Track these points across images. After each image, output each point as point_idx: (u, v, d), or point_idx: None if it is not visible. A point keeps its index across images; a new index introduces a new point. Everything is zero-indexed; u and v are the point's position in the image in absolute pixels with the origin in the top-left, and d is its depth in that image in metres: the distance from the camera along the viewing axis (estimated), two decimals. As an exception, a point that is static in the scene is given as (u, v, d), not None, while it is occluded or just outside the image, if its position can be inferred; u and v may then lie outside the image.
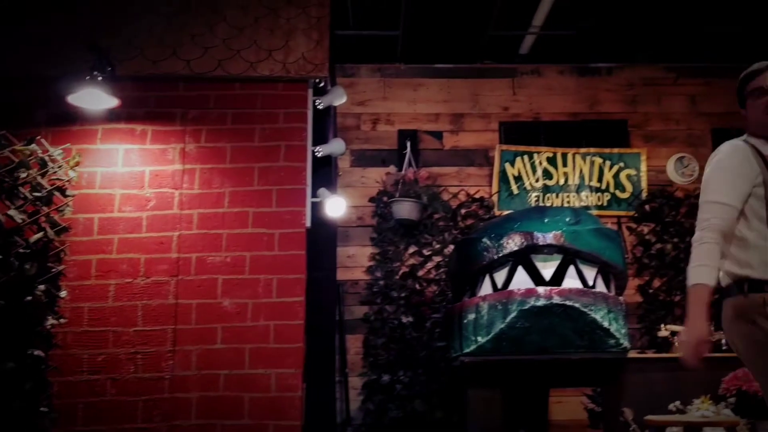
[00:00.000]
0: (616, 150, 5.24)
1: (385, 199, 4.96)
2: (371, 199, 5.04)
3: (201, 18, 3.87)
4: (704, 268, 2.25)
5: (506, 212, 4.82)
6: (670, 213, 5.10)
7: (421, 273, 4.91)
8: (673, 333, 4.50)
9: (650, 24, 4.90)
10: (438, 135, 5.27)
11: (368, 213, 5.05)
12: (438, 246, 4.95)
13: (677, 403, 3.84)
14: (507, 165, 5.14)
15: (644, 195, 5.15)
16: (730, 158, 2.37)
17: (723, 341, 4.50)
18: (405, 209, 4.79)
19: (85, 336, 3.40)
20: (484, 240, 3.86)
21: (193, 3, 3.91)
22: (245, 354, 3.42)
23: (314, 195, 3.88)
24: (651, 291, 4.97)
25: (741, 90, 2.52)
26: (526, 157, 5.17)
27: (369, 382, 4.70)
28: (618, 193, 5.17)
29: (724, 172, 2.36)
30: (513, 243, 3.77)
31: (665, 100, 5.39)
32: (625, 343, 3.73)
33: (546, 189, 5.15)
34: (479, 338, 3.71)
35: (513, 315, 3.61)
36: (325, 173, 4.23)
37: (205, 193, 3.60)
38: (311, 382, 3.75)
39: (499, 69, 5.39)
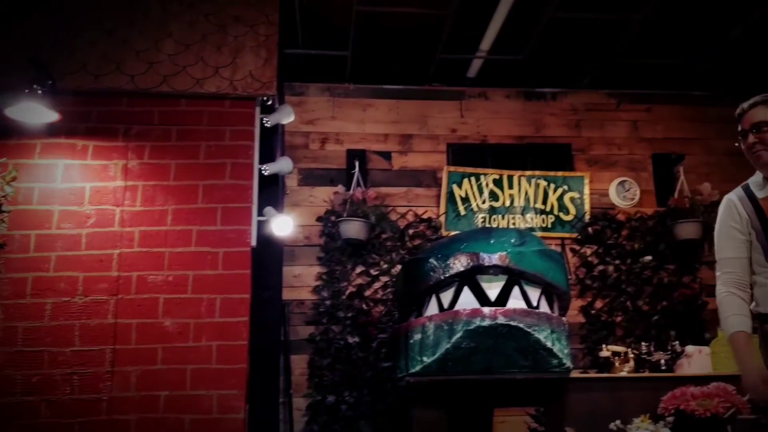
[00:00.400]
0: (560, 173, 5.34)
1: (332, 218, 4.94)
2: (319, 219, 5.02)
3: (146, 33, 3.84)
4: (734, 317, 2.58)
5: (453, 233, 4.87)
6: (612, 235, 5.22)
7: (368, 293, 4.89)
8: (615, 353, 4.59)
9: (593, 52, 5.05)
10: (387, 155, 5.29)
11: (315, 232, 5.02)
12: (385, 266, 4.95)
13: (618, 422, 3.90)
14: (455, 186, 5.19)
15: (587, 217, 5.25)
16: (722, 215, 2.73)
17: (661, 361, 4.61)
18: (353, 229, 4.79)
19: (19, 356, 3.29)
20: (431, 260, 3.87)
21: (139, 18, 3.87)
22: (187, 375, 3.35)
23: (261, 214, 3.85)
24: (593, 312, 5.06)
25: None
26: (473, 179, 5.23)
27: (314, 403, 4.64)
28: (562, 215, 5.27)
29: (723, 227, 2.72)
30: (459, 263, 3.79)
31: (608, 126, 5.54)
32: (568, 363, 3.78)
33: (492, 210, 5.21)
34: (425, 358, 3.71)
35: (458, 335, 3.63)
36: (272, 192, 4.21)
37: (147, 211, 3.54)
38: (254, 403, 3.69)
39: (448, 91, 5.46)
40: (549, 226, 5.25)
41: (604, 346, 4.73)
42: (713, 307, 5.17)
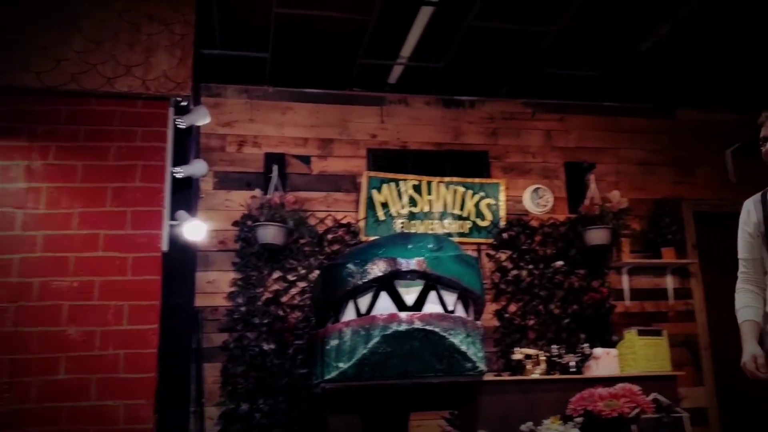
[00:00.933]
0: (477, 180, 5.44)
1: (249, 223, 4.85)
2: (235, 223, 4.93)
3: (54, 29, 3.68)
4: (744, 309, 2.88)
5: (373, 238, 4.88)
6: (526, 241, 5.35)
7: (285, 299, 4.84)
8: (527, 356, 4.69)
9: (510, 62, 5.16)
10: (306, 159, 5.26)
11: (231, 237, 4.93)
12: (303, 271, 4.91)
13: (529, 423, 3.99)
14: (374, 191, 5.21)
15: (502, 223, 5.36)
16: (741, 217, 2.98)
17: (571, 363, 4.75)
18: (270, 234, 4.72)
19: None
20: (349, 265, 3.86)
21: (46, 13, 3.70)
22: (92, 385, 3.23)
23: (173, 218, 3.74)
24: (507, 315, 5.17)
25: None
26: (393, 185, 5.26)
27: (227, 412, 4.54)
28: (479, 221, 5.36)
29: (739, 230, 2.97)
30: (377, 269, 3.79)
31: (523, 134, 5.68)
32: (482, 367, 3.84)
33: (411, 216, 5.25)
34: (341, 364, 3.69)
35: (375, 340, 3.62)
36: (186, 195, 4.11)
37: (51, 214, 3.39)
38: (164, 413, 3.58)
39: (368, 97, 5.47)
40: (466, 231, 5.33)
41: (517, 349, 4.84)
42: (620, 310, 5.39)
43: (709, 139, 5.97)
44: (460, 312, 3.89)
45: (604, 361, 4.72)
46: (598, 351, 4.78)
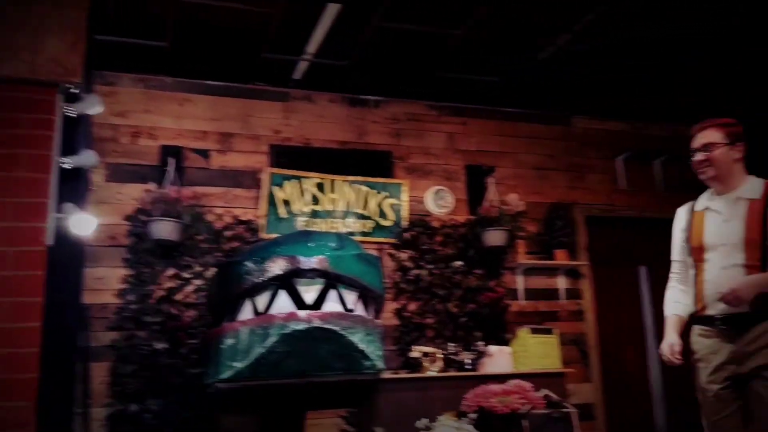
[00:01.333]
0: (381, 180, 5.46)
1: (142, 217, 4.66)
2: (127, 218, 4.73)
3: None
4: (670, 304, 3.23)
5: (273, 236, 4.81)
6: (427, 241, 5.42)
7: (179, 297, 4.69)
8: (425, 354, 4.75)
9: (415, 63, 5.21)
10: (205, 153, 5.11)
11: (123, 232, 4.72)
12: (199, 269, 4.77)
13: (425, 420, 4.04)
14: (276, 188, 5.13)
15: (404, 223, 5.41)
16: (674, 223, 3.30)
17: (466, 361, 4.84)
18: (165, 229, 4.56)
19: None
20: (248, 263, 3.78)
21: None
22: (-35, 387, 3.01)
23: (60, 210, 3.55)
24: (406, 314, 5.22)
25: None
26: (295, 182, 5.20)
27: (114, 413, 4.35)
28: (381, 221, 5.38)
29: (673, 235, 3.30)
30: (277, 267, 3.73)
31: (426, 136, 5.74)
32: (380, 365, 3.84)
33: (314, 214, 5.21)
34: (237, 363, 3.61)
35: (273, 339, 3.56)
36: (76, 188, 3.90)
37: None
38: (47, 414, 3.38)
39: (272, 92, 5.39)
40: (369, 231, 5.34)
41: (415, 347, 4.90)
42: (515, 309, 5.55)
43: (602, 147, 6.25)
44: (360, 311, 3.89)
45: (499, 359, 4.84)
46: (492, 349, 4.91)
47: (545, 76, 5.50)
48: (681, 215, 3.28)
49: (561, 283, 5.79)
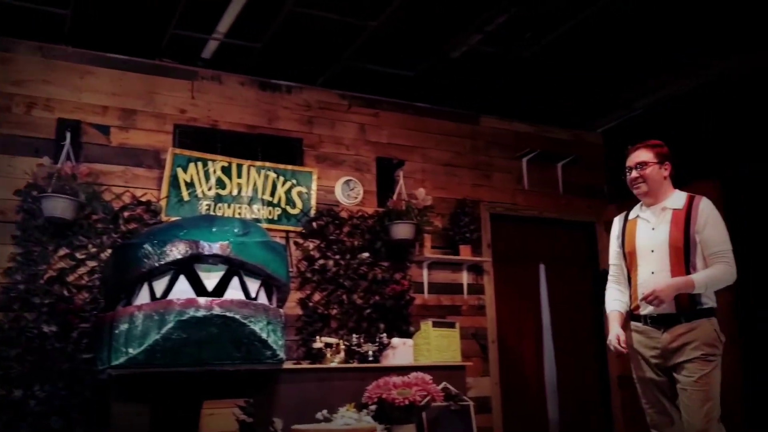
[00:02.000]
0: (290, 167, 5.36)
1: (34, 193, 4.38)
2: (17, 192, 4.42)
3: None
4: (610, 302, 3.60)
5: (175, 218, 4.64)
6: (335, 231, 5.37)
7: (71, 278, 4.44)
8: (328, 344, 4.72)
9: (329, 51, 5.15)
10: (105, 129, 4.86)
11: (12, 207, 4.41)
12: (94, 250, 4.53)
13: (324, 411, 4.00)
14: (179, 170, 4.94)
15: (312, 212, 5.34)
16: (612, 230, 3.67)
17: (369, 352, 4.84)
18: (58, 206, 4.31)
19: None
20: (146, 246, 3.64)
21: None
22: None
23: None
24: (311, 304, 5.16)
25: None
26: (200, 164, 5.03)
27: (-4, 399, 4.08)
28: (289, 208, 5.30)
29: (610, 241, 3.67)
30: (177, 251, 3.62)
31: (338, 125, 5.69)
32: (281, 355, 3.79)
33: (219, 198, 5.06)
34: (131, 350, 3.48)
35: (170, 326, 3.46)
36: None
37: None
38: None
39: (179, 70, 5.19)
40: (275, 218, 5.24)
41: (318, 337, 4.85)
42: (419, 302, 5.60)
43: (507, 147, 6.39)
44: (262, 299, 3.82)
45: (401, 351, 4.87)
46: (395, 341, 4.93)
47: (456, 75, 5.56)
48: (616, 224, 3.66)
49: (464, 278, 5.89)
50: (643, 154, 3.50)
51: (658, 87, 5.86)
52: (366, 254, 5.40)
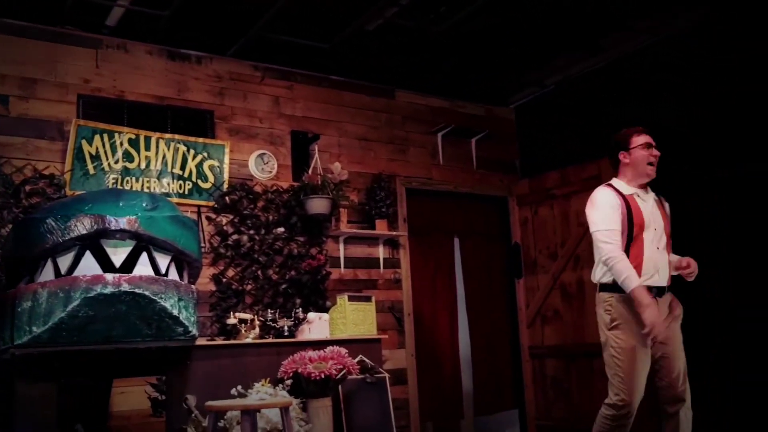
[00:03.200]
0: (201, 140, 5.23)
1: (-76, 166, 4.13)
2: None
3: None
4: (633, 276, 3.45)
5: (79, 193, 4.45)
6: (249, 206, 5.29)
7: (-33, 255, 4.21)
8: (242, 320, 4.67)
9: (240, 20, 5.02)
10: (4, 99, 4.60)
11: None
12: (-7, 225, 4.31)
13: (239, 387, 3.97)
14: (84, 142, 4.74)
15: (225, 187, 5.24)
16: (606, 199, 3.63)
17: (285, 327, 4.82)
18: (-49, 180, 4.07)
19: None
20: (49, 221, 3.48)
21: None
22: None
23: None
24: (225, 280, 5.08)
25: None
26: (106, 136, 4.84)
27: None
28: (200, 182, 5.18)
29: (605, 208, 3.59)
30: (81, 226, 3.47)
31: (251, 98, 5.58)
32: (194, 331, 3.72)
33: (126, 172, 4.89)
34: (34, 328, 3.33)
35: (76, 303, 3.32)
36: None
37: None
38: None
39: (83, 37, 4.95)
40: (186, 192, 5.12)
41: (232, 313, 4.79)
42: (335, 277, 5.60)
43: (423, 122, 6.44)
44: (173, 275, 3.73)
45: (317, 326, 4.87)
46: (311, 315, 4.93)
47: (372, 48, 5.55)
48: (611, 196, 3.64)
49: (381, 252, 5.93)
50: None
51: (569, 65, 6.02)
52: (281, 229, 5.35)
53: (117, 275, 3.43)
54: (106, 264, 3.51)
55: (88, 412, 3.94)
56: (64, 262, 3.50)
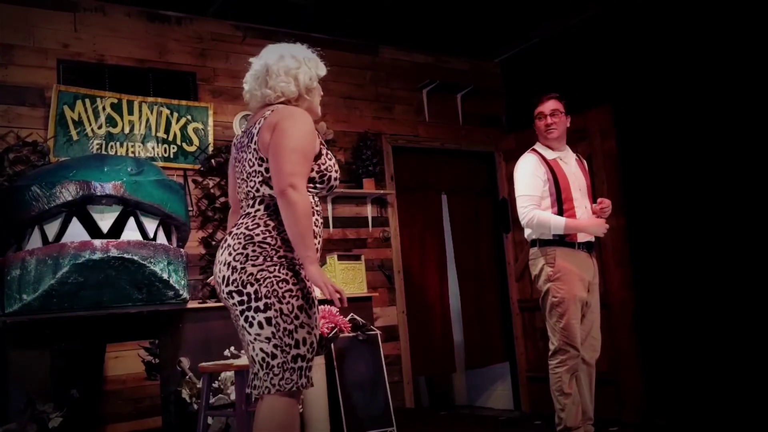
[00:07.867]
0: (184, 102, 5.18)
1: None
2: None
3: None
4: (556, 217, 3.79)
5: (64, 159, 4.42)
6: (235, 168, 5.25)
7: (-47, 225, 4.18)
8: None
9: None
10: (-20, 66, 4.53)
11: None
12: (-23, 194, 4.27)
13: (232, 348, 4.01)
14: (66, 108, 4.68)
15: (211, 149, 5.20)
16: (529, 165, 3.89)
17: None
18: (-68, 150, 4.02)
19: None
20: (34, 188, 3.48)
21: None
22: None
23: None
24: (214, 243, 5.07)
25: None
26: (88, 101, 4.78)
27: None
28: (185, 145, 5.14)
29: (527, 174, 3.88)
30: (67, 192, 3.48)
31: (233, 58, 5.50)
32: (185, 294, 3.75)
33: (110, 137, 4.85)
34: (25, 296, 3.37)
35: (65, 270, 3.35)
36: None
37: None
38: None
39: (59, 1, 4.85)
40: (171, 156, 5.08)
41: (223, 276, 4.79)
42: (325, 237, 5.59)
43: (408, 78, 6.39)
44: (161, 239, 3.74)
45: (307, 285, 4.89)
46: (301, 275, 4.94)
47: (354, 3, 5.46)
48: (533, 161, 3.91)
49: (369, 211, 5.94)
50: (556, 104, 3.95)
51: (554, 18, 5.96)
52: (269, 190, 5.32)
53: (105, 241, 3.45)
54: (93, 230, 3.52)
55: (83, 377, 3.98)
56: (51, 229, 3.51)
